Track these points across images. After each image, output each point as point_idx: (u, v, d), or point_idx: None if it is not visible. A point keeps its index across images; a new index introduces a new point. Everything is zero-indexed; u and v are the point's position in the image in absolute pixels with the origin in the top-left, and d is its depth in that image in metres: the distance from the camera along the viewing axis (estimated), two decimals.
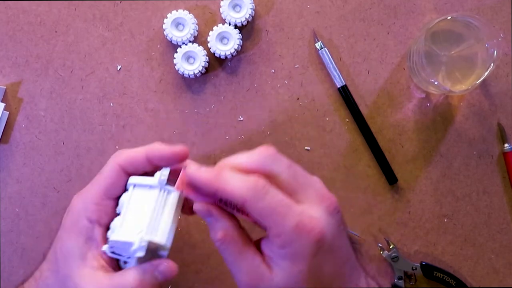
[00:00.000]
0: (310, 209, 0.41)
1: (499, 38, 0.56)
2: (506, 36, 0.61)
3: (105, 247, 0.44)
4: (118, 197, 0.47)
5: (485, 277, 0.61)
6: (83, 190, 0.47)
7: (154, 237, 0.43)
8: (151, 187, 0.45)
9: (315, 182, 0.44)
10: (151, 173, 0.46)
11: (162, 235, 0.43)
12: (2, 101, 0.61)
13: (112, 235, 0.44)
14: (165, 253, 0.44)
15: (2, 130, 0.61)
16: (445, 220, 0.61)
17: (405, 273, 0.60)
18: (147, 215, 0.44)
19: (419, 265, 0.60)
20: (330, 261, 0.42)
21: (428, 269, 0.59)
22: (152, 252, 0.44)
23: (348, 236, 0.46)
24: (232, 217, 0.43)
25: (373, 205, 0.61)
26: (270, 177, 0.41)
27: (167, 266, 0.44)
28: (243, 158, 0.42)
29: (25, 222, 0.61)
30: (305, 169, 0.61)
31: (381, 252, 0.60)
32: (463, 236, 0.61)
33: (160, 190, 0.45)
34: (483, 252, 0.61)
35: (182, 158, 0.45)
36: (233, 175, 0.41)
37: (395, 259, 0.60)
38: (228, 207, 0.43)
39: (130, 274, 0.43)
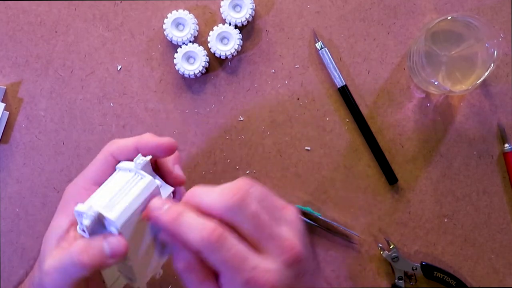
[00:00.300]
0: (268, 261, 0.41)
1: (499, 38, 0.56)
2: (506, 36, 0.61)
3: (78, 226, 0.45)
4: None
5: (485, 277, 0.61)
6: (76, 178, 0.48)
7: (107, 211, 0.42)
8: (130, 170, 0.45)
9: (283, 226, 0.43)
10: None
11: (115, 211, 0.43)
12: (2, 101, 0.61)
13: (75, 207, 0.44)
14: (116, 232, 0.43)
15: (2, 130, 0.61)
16: (445, 220, 0.61)
17: (405, 273, 0.60)
18: (112, 193, 0.44)
19: (419, 265, 0.60)
20: None
21: (428, 269, 0.59)
22: (106, 229, 0.44)
23: (313, 274, 0.46)
24: None
25: (373, 205, 0.61)
26: (234, 225, 0.41)
27: (115, 238, 0.43)
28: (211, 197, 0.42)
29: (25, 222, 0.61)
30: (305, 169, 0.61)
31: (381, 252, 0.60)
32: (463, 236, 0.61)
33: (135, 174, 0.45)
34: (483, 252, 0.61)
35: (168, 150, 0.45)
36: (191, 221, 0.41)
37: (395, 259, 0.60)
38: None
39: (77, 242, 0.43)
